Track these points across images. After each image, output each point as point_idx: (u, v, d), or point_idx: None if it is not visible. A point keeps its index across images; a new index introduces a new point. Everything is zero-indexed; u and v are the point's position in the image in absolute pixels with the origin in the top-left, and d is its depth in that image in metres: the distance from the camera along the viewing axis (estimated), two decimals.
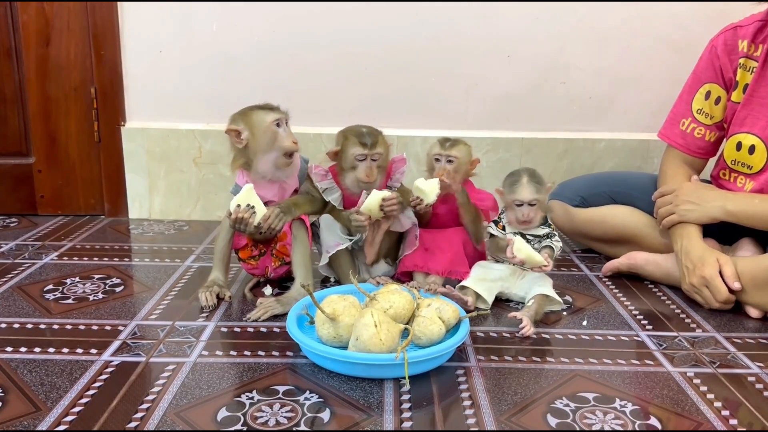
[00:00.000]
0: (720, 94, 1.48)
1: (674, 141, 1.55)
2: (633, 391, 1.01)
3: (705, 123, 1.51)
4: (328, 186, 1.38)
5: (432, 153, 1.41)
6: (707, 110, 1.50)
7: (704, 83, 1.50)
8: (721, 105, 1.49)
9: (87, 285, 1.41)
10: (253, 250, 1.38)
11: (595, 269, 1.59)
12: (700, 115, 1.51)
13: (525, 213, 1.30)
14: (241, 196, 1.26)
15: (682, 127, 1.54)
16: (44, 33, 1.85)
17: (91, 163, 1.95)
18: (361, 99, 1.90)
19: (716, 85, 1.48)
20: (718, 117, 1.50)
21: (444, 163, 1.38)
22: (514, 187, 1.31)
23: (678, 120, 1.55)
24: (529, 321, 1.21)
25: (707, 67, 1.49)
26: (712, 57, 1.48)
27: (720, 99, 1.48)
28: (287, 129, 1.31)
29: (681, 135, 1.54)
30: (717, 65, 1.47)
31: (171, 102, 1.92)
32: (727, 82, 1.47)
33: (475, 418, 0.93)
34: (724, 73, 1.46)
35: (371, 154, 1.32)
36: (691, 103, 1.52)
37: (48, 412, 0.92)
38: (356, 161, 1.33)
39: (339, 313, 1.07)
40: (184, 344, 1.13)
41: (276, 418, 0.91)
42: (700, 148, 1.53)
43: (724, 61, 1.46)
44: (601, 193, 1.64)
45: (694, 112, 1.51)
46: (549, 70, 1.90)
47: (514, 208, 1.32)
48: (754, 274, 1.29)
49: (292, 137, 1.31)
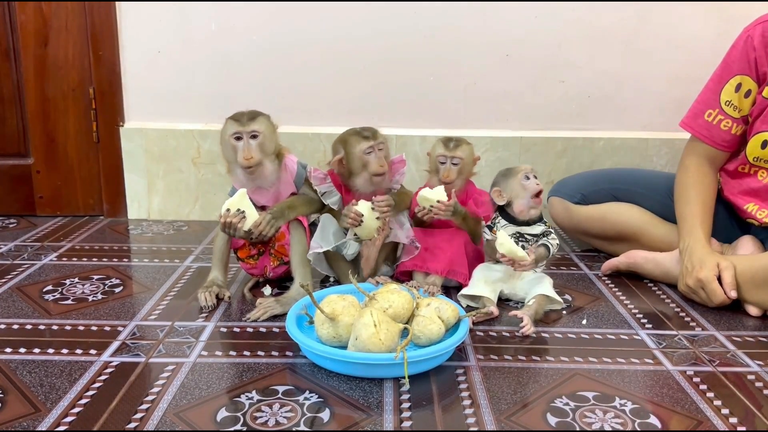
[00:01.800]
0: (751, 87, 1.40)
1: (699, 132, 1.48)
2: (633, 389, 1.01)
3: (733, 116, 1.44)
4: (327, 190, 1.37)
5: (436, 154, 1.40)
6: (736, 103, 1.43)
7: (735, 74, 1.42)
8: (750, 98, 1.41)
9: (86, 285, 1.41)
10: (252, 250, 1.38)
11: (595, 268, 1.59)
12: (729, 107, 1.44)
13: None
14: (233, 201, 1.26)
15: (708, 118, 1.46)
16: (42, 33, 1.84)
17: (89, 164, 1.94)
18: (360, 98, 1.90)
19: (748, 77, 1.40)
20: (746, 110, 1.43)
21: (449, 165, 1.38)
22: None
23: (704, 110, 1.47)
24: (529, 320, 1.21)
25: (740, 57, 1.40)
26: (747, 48, 1.39)
27: (750, 92, 1.40)
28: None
29: (706, 126, 1.47)
30: (752, 57, 1.39)
31: (169, 102, 1.91)
32: (761, 75, 1.39)
33: (474, 417, 0.93)
34: (759, 66, 1.39)
35: (377, 144, 1.33)
36: (720, 94, 1.44)
37: (47, 412, 0.92)
38: (365, 156, 1.32)
39: (338, 313, 1.07)
40: (184, 344, 1.13)
41: (276, 418, 0.91)
42: (726, 141, 1.46)
43: (761, 54, 1.37)
44: (602, 190, 1.62)
45: (722, 103, 1.44)
46: (547, 68, 1.90)
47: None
48: (754, 273, 1.29)
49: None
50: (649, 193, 1.58)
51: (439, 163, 1.40)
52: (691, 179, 1.48)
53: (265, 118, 1.32)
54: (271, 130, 1.32)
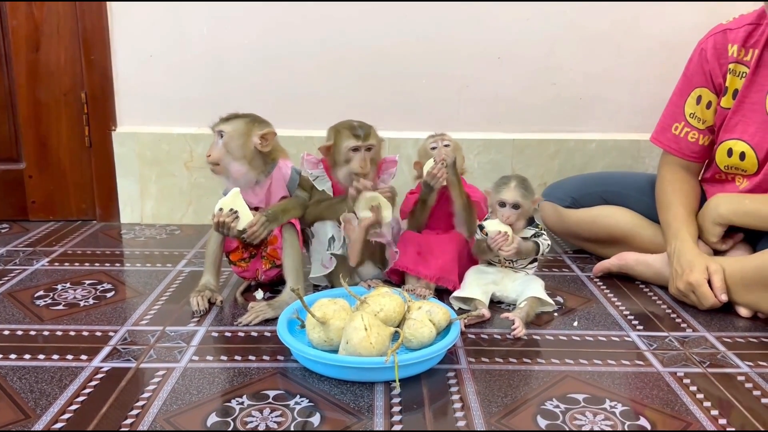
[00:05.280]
0: (711, 98, 1.45)
1: (668, 146, 1.53)
2: (623, 391, 1.02)
3: (698, 127, 1.48)
4: (319, 174, 1.39)
5: (426, 145, 1.43)
6: (699, 115, 1.47)
7: (695, 87, 1.47)
8: (711, 109, 1.46)
9: (78, 291, 1.41)
10: (244, 253, 1.38)
11: (586, 270, 1.59)
12: (693, 119, 1.48)
13: (506, 215, 1.31)
14: (226, 200, 1.26)
15: (675, 131, 1.51)
16: (34, 38, 1.84)
17: (82, 168, 1.94)
18: (353, 101, 1.90)
19: (706, 89, 1.45)
20: (710, 121, 1.47)
21: (441, 147, 1.40)
22: (501, 188, 1.32)
23: (670, 124, 1.52)
24: (521, 322, 1.21)
25: (696, 71, 1.46)
26: (701, 61, 1.45)
27: (711, 103, 1.46)
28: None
29: (674, 139, 1.52)
30: (706, 69, 1.44)
31: (162, 106, 1.91)
32: (717, 87, 1.44)
33: (465, 420, 0.93)
34: (714, 78, 1.44)
35: (365, 145, 1.34)
36: (683, 107, 1.49)
37: (37, 419, 0.91)
38: (350, 153, 1.34)
39: (329, 317, 1.07)
40: (175, 349, 1.13)
41: (266, 422, 0.91)
42: (694, 152, 1.51)
43: (714, 66, 1.43)
44: (593, 193, 1.63)
45: (687, 116, 1.49)
46: (540, 71, 1.91)
47: (497, 208, 1.33)
48: (744, 274, 1.29)
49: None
50: (639, 196, 1.59)
51: (430, 150, 1.42)
52: (669, 187, 1.51)
53: (241, 121, 1.31)
54: (241, 133, 1.30)
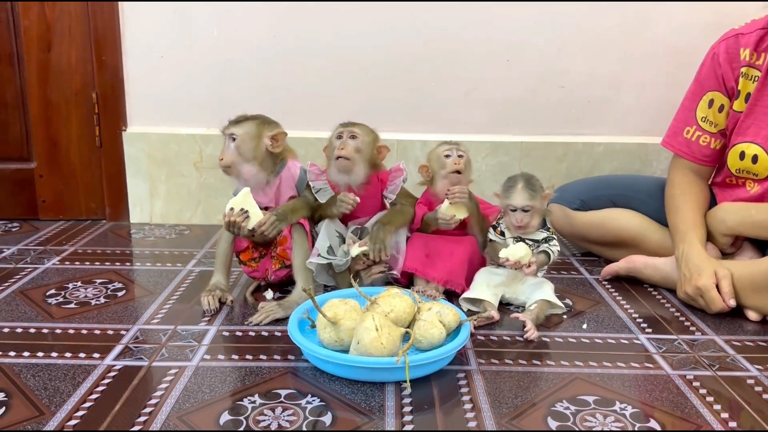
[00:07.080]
0: (723, 102, 1.46)
1: (679, 150, 1.53)
2: (633, 394, 1.02)
3: (710, 131, 1.49)
4: (321, 186, 1.39)
5: (440, 151, 1.41)
6: (711, 118, 1.48)
7: (707, 91, 1.47)
8: (724, 113, 1.46)
9: (89, 289, 1.42)
10: (254, 253, 1.39)
11: (595, 272, 1.59)
12: (705, 123, 1.48)
13: (519, 218, 1.31)
14: (236, 200, 1.27)
15: (686, 135, 1.51)
16: (45, 38, 1.85)
17: (92, 168, 1.95)
18: (361, 103, 1.90)
19: (719, 93, 1.46)
20: (722, 125, 1.47)
21: (455, 156, 1.39)
22: (509, 192, 1.32)
23: (682, 128, 1.52)
24: (532, 324, 1.22)
25: (709, 75, 1.47)
26: (713, 65, 1.45)
27: (723, 107, 1.46)
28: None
29: (686, 143, 1.52)
30: (719, 73, 1.45)
31: (172, 106, 1.92)
32: (729, 90, 1.45)
33: (476, 421, 0.93)
34: (726, 81, 1.44)
35: (347, 130, 1.35)
36: (695, 111, 1.49)
37: (51, 416, 0.92)
38: (335, 141, 1.36)
39: (340, 317, 1.08)
40: (186, 348, 1.14)
41: (278, 421, 0.92)
42: (706, 156, 1.51)
43: (726, 70, 1.43)
44: (601, 196, 1.64)
45: (698, 120, 1.49)
46: (547, 74, 1.91)
47: (509, 213, 1.33)
48: (753, 278, 1.29)
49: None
50: (647, 199, 1.59)
51: (444, 158, 1.40)
52: (677, 190, 1.51)
53: (252, 123, 1.33)
54: (252, 136, 1.32)
